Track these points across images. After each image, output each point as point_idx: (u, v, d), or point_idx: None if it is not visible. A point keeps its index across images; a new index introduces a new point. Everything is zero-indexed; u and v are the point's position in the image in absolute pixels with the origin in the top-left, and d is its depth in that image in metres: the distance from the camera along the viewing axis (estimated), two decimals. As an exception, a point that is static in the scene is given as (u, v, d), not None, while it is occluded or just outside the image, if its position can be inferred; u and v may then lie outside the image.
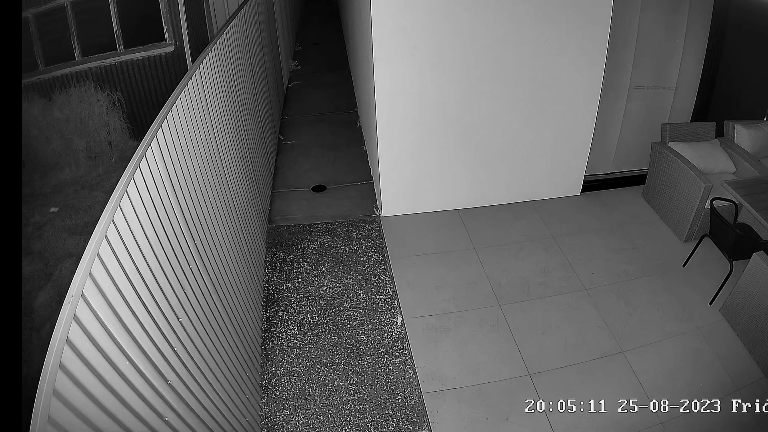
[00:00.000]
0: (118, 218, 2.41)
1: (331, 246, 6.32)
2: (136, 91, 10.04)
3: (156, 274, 2.75)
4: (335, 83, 11.55)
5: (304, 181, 7.70)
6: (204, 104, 3.94)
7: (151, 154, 2.84)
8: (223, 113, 4.55)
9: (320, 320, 5.33)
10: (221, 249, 4.03)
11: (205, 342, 3.35)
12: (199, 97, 3.82)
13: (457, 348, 4.92)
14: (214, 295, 3.67)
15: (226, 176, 4.46)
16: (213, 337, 3.52)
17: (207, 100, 4.03)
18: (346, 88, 11.15)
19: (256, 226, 5.76)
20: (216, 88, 4.36)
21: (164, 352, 2.73)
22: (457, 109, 6.18)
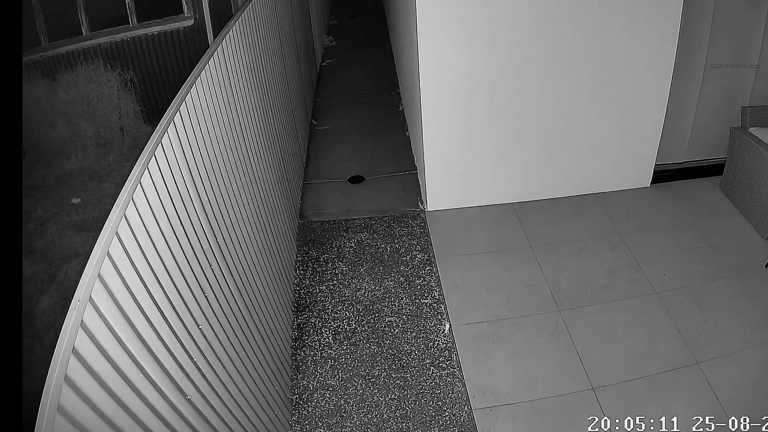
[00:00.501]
0: (130, 213, 2.39)
1: (370, 244, 6.34)
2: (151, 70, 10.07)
3: (173, 275, 2.73)
4: (374, 61, 11.56)
5: (339, 171, 7.73)
6: (227, 85, 3.92)
7: (168, 141, 2.82)
8: (248, 95, 4.54)
9: (358, 327, 5.35)
10: (246, 248, 4.02)
11: (228, 352, 3.33)
12: (222, 77, 3.81)
13: (511, 359, 4.90)
14: (239, 300, 3.66)
15: (252, 166, 4.45)
16: (237, 347, 3.50)
17: (230, 81, 4.01)
18: (387, 67, 11.13)
19: (285, 221, 5.77)
20: (240, 67, 4.34)
21: (182, 364, 2.71)
22: (511, 91, 6.16)
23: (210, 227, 3.30)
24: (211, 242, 3.29)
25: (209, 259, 3.23)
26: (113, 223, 2.27)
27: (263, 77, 5.21)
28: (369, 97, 9.99)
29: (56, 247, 7.50)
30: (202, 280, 3.08)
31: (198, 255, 3.07)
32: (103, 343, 2.12)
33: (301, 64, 8.49)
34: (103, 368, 2.11)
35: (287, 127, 6.52)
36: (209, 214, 3.31)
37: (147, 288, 2.47)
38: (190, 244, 2.98)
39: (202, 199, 3.21)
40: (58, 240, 7.62)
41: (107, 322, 2.16)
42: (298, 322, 5.44)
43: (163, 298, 2.62)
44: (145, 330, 2.43)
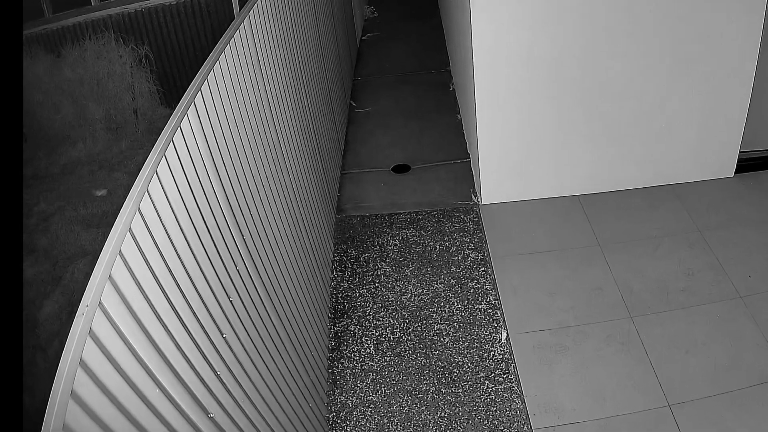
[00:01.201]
0: (145, 207, 2.38)
1: (417, 242, 6.38)
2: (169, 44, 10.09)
3: (193, 277, 2.72)
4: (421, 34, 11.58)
5: (381, 159, 7.78)
6: (255, 61, 3.93)
7: (188, 125, 2.81)
8: (279, 73, 4.55)
9: (403, 336, 5.39)
10: (277, 246, 4.03)
11: (256, 364, 3.33)
12: (249, 53, 3.82)
13: (576, 371, 4.91)
14: (268, 305, 3.67)
15: (284, 153, 4.47)
16: (266, 358, 3.51)
17: (259, 57, 4.02)
18: (436, 41, 11.13)
19: (321, 216, 5.80)
20: (270, 41, 4.36)
21: (204, 378, 2.70)
22: (576, 69, 6.14)
23: (235, 223, 3.30)
24: (237, 240, 3.29)
25: (234, 259, 3.22)
26: (126, 218, 2.26)
27: (296, 53, 5.22)
28: (415, 76, 10.02)
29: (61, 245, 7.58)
30: (226, 283, 3.07)
31: (222, 254, 3.07)
32: (114, 354, 2.11)
33: (339, 38, 8.53)
34: (114, 382, 2.10)
35: (323, 109, 6.54)
36: (234, 208, 3.31)
37: (164, 291, 2.46)
38: (213, 242, 2.97)
39: (226, 191, 3.21)
40: (63, 237, 7.70)
41: (119, 330, 2.15)
42: (335, 331, 5.50)
43: (183, 303, 2.61)
44: (162, 339, 2.41)
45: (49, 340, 6.25)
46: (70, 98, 9.83)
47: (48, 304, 6.71)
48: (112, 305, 2.11)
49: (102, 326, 2.05)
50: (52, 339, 6.26)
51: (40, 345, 6.18)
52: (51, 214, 8.19)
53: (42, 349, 6.13)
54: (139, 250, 2.31)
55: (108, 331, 2.09)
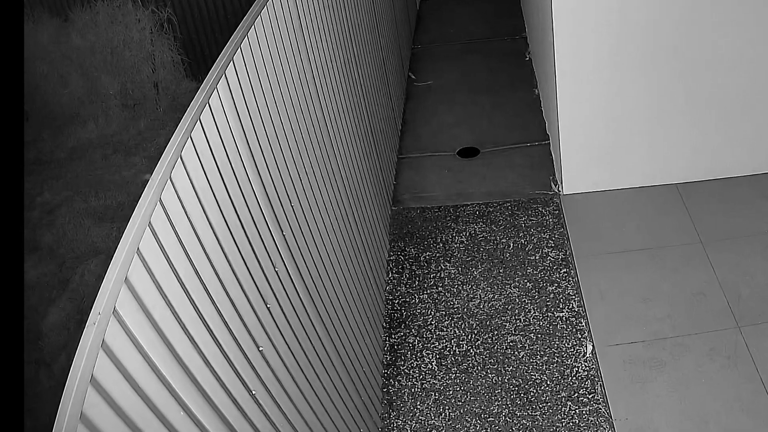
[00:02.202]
0: (168, 197, 2.38)
1: (487, 239, 6.40)
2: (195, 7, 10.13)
3: (225, 281, 2.72)
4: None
5: (446, 140, 7.79)
6: (296, 27, 3.95)
7: (218, 102, 2.81)
8: (325, 41, 4.57)
9: (470, 349, 5.41)
10: (322, 244, 4.05)
11: (298, 382, 3.35)
12: (290, 17, 3.83)
13: (674, 391, 4.89)
14: (312, 313, 3.69)
15: (330, 135, 4.49)
16: (310, 376, 3.53)
17: (301, 21, 4.04)
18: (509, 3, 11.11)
19: (374, 209, 5.83)
20: (314, 3, 4.39)
21: (237, 398, 2.70)
22: (675, 37, 6.06)
23: (273, 217, 3.31)
24: (276, 237, 3.31)
25: (273, 258, 3.23)
26: (145, 210, 2.26)
27: (345, 16, 5.25)
28: (485, 44, 10.00)
29: (69, 242, 7.66)
30: (263, 287, 3.08)
31: (258, 254, 3.07)
32: (131, 370, 2.11)
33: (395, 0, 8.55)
34: (130, 403, 2.10)
35: (377, 82, 6.58)
36: (272, 199, 3.32)
37: (189, 297, 2.46)
38: (247, 239, 2.98)
39: (263, 180, 3.21)
40: (71, 233, 7.78)
41: (136, 342, 2.15)
42: (391, 343, 5.54)
43: (211, 310, 2.61)
44: (187, 353, 2.41)
45: (55, 354, 6.33)
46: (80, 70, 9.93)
47: (53, 311, 6.79)
48: (128, 313, 2.11)
49: (117, 337, 2.05)
50: (58, 353, 6.34)
51: (44, 360, 6.27)
52: (57, 205, 8.27)
53: (46, 365, 6.21)
54: (160, 249, 2.31)
55: (124, 343, 2.09)
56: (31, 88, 9.80)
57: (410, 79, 9.19)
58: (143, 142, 9.35)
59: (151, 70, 10.09)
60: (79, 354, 1.93)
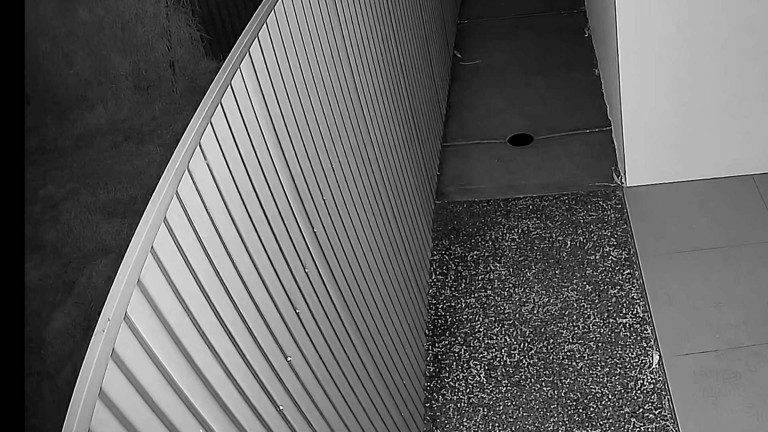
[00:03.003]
0: (185, 190, 2.37)
1: (541, 236, 6.41)
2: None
3: (249, 283, 2.72)
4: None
5: (495, 127, 7.79)
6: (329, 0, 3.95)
7: (241, 83, 2.81)
8: (360, 15, 4.57)
9: (523, 359, 5.41)
10: (357, 242, 4.05)
11: (331, 396, 3.35)
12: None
13: (751, 406, 4.86)
14: (347, 318, 3.69)
15: (367, 120, 4.49)
16: (344, 389, 3.53)
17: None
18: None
19: (416, 203, 5.83)
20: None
21: (262, 414, 2.70)
22: (751, 11, 6.01)
23: (303, 212, 3.31)
24: (306, 234, 3.31)
25: (302, 258, 3.24)
26: (160, 205, 2.26)
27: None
28: (539, 18, 9.99)
29: (75, 240, 7.68)
30: (291, 290, 3.08)
31: (286, 253, 3.07)
32: (144, 382, 2.11)
33: (439, -28, 8.55)
34: (143, 420, 2.10)
35: (418, 62, 6.58)
36: (302, 192, 3.32)
37: (210, 301, 2.46)
38: (274, 236, 2.98)
39: (291, 171, 3.21)
40: (77, 230, 7.80)
41: (150, 351, 2.15)
42: (434, 352, 5.54)
43: (234, 316, 2.61)
44: (207, 363, 2.41)
45: (59, 365, 6.35)
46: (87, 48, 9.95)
47: (57, 317, 6.81)
48: (141, 319, 2.11)
49: (128, 346, 2.05)
50: (63, 363, 6.35)
51: (47, 371, 6.29)
52: (61, 199, 8.27)
53: (50, 377, 6.24)
54: (176, 247, 2.31)
55: (136, 352, 2.09)
56: (32, 67, 9.81)
57: (456, 57, 9.17)
58: (158, 129, 9.33)
59: (167, 47, 10.11)
60: (87, 365, 1.92)
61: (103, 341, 1.96)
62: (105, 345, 1.96)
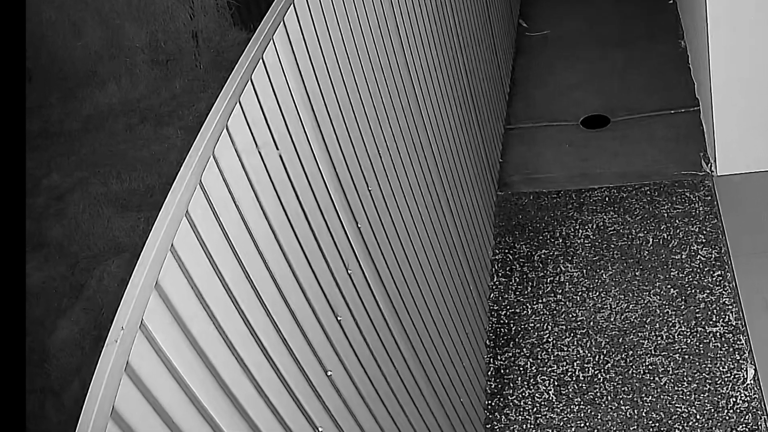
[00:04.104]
0: (210, 179, 2.36)
1: (619, 232, 6.39)
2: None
3: (282, 286, 2.70)
4: None
5: (565, 106, 7.81)
6: None
7: (274, 57, 2.79)
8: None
9: (598, 374, 5.39)
10: (407, 238, 4.04)
11: (377, 415, 3.34)
12: None
13: None
14: (395, 327, 3.67)
15: (419, 100, 4.47)
16: (392, 407, 3.51)
17: None
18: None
19: (475, 194, 5.82)
20: None
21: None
22: None
23: (346, 204, 3.30)
24: (348, 230, 3.30)
25: (344, 257, 3.23)
26: (181, 195, 2.26)
27: None
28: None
29: (83, 236, 7.70)
30: (332, 295, 3.07)
31: (326, 252, 3.06)
32: (163, 400, 2.10)
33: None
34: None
35: (478, 32, 6.55)
36: (344, 182, 3.31)
37: (238, 307, 2.45)
38: (312, 233, 2.97)
39: (332, 157, 3.20)
40: (86, 225, 7.82)
41: (170, 364, 2.15)
42: (496, 365, 5.54)
43: (266, 323, 2.59)
44: (234, 378, 2.40)
45: (66, 381, 6.36)
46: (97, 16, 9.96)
47: (63, 325, 6.83)
48: (159, 327, 2.11)
49: (145, 359, 2.04)
50: (70, 378, 6.37)
51: (51, 387, 6.31)
52: (68, 190, 8.26)
53: (55, 394, 6.27)
54: (200, 245, 2.30)
55: (153, 365, 2.09)
56: (34, 39, 9.82)
57: (521, 28, 9.17)
58: (179, 109, 9.31)
59: (189, 16, 10.14)
60: (97, 380, 1.91)
61: (116, 353, 1.95)
62: (118, 357, 1.95)
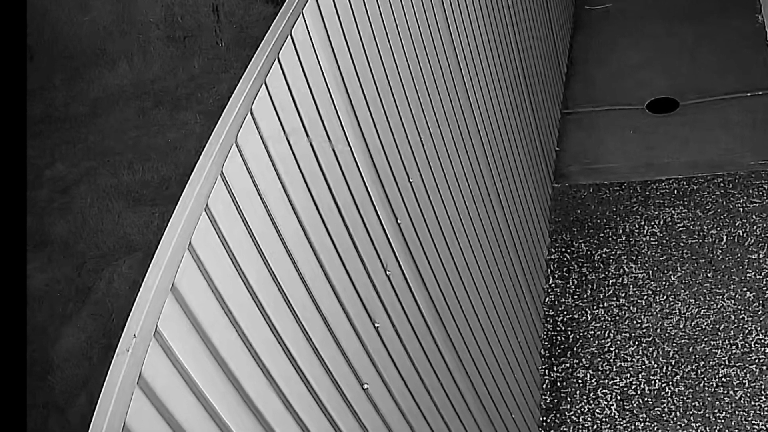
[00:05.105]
0: (232, 169, 2.37)
1: (689, 229, 6.36)
2: None
3: (313, 288, 2.70)
4: None
5: (629, 88, 7.80)
6: None
7: (304, 33, 2.79)
8: None
9: (666, 387, 5.38)
10: (452, 236, 4.04)
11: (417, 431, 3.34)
12: None
13: None
14: (439, 334, 3.66)
15: (465, 80, 4.46)
16: (435, 423, 3.51)
17: None
18: None
19: (528, 186, 5.82)
20: None
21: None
22: None
23: (384, 197, 3.29)
24: (387, 226, 3.29)
25: (383, 257, 3.22)
26: (200, 188, 2.26)
27: None
28: (685, -50, 10.00)
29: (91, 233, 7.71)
30: (369, 299, 3.06)
31: (362, 250, 3.06)
32: (180, 416, 2.10)
33: None
34: None
35: (531, 6, 6.55)
36: (382, 173, 3.30)
37: (264, 312, 2.45)
38: (346, 229, 2.96)
39: (369, 145, 3.19)
40: (94, 221, 7.83)
41: (187, 376, 2.15)
42: (552, 378, 5.54)
43: (295, 331, 2.59)
44: (260, 392, 2.40)
45: (71, 395, 6.40)
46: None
47: (69, 333, 6.86)
48: (176, 335, 2.11)
49: (159, 370, 2.04)
50: (76, 392, 6.41)
51: (55, 402, 6.34)
52: (74, 181, 8.28)
53: (59, 410, 6.30)
54: (221, 243, 2.31)
55: (169, 378, 2.09)
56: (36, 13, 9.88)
57: (580, 0, 9.18)
58: (197, 91, 9.31)
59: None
60: (106, 394, 1.91)
61: (128, 364, 1.95)
62: (130, 369, 1.95)
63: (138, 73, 9.72)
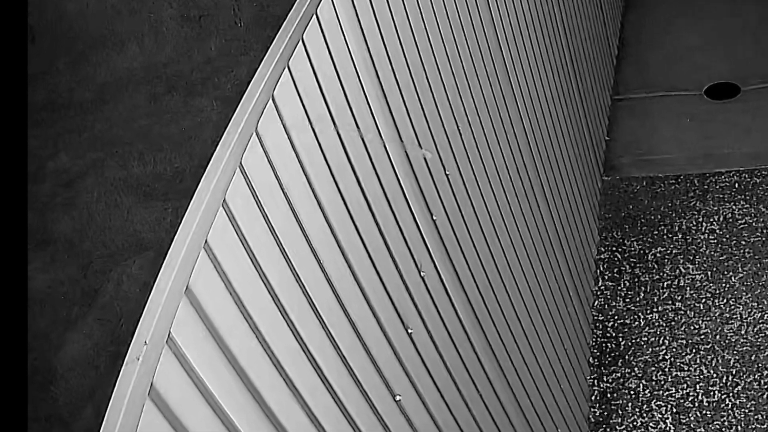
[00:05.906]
0: (252, 161, 2.37)
1: (752, 226, 6.35)
2: None
3: (340, 290, 2.69)
4: None
5: (687, 73, 7.80)
6: None
7: (331, 12, 2.79)
8: None
9: (726, 399, 5.36)
10: (492, 234, 4.03)
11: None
12: None
13: None
14: (478, 341, 3.66)
15: (506, 62, 4.46)
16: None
17: None
18: None
19: (575, 178, 5.82)
20: None
21: None
22: None
23: (418, 191, 3.29)
24: (421, 223, 3.28)
25: (417, 257, 3.21)
26: (217, 181, 2.26)
27: None
28: None
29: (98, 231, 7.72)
30: (401, 302, 3.05)
31: (394, 249, 3.05)
32: (195, 431, 2.10)
33: None
34: None
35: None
36: (416, 164, 3.29)
37: (286, 317, 2.45)
38: (377, 226, 2.95)
39: (401, 134, 3.18)
40: (101, 217, 7.83)
41: (203, 386, 2.14)
42: (602, 389, 5.54)
43: (321, 337, 2.59)
44: (283, 404, 2.40)
45: (76, 407, 6.40)
46: (115, -37, 10.16)
47: (74, 339, 6.87)
48: (190, 342, 2.10)
49: (172, 380, 2.04)
50: (82, 404, 6.41)
51: (58, 415, 6.34)
52: (80, 174, 8.25)
53: (63, 423, 6.30)
54: (240, 241, 2.31)
55: (183, 388, 2.08)
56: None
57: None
58: (214, 75, 9.29)
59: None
60: (114, 406, 1.91)
61: (138, 373, 1.94)
62: (140, 379, 1.94)
63: (149, 56, 9.71)
